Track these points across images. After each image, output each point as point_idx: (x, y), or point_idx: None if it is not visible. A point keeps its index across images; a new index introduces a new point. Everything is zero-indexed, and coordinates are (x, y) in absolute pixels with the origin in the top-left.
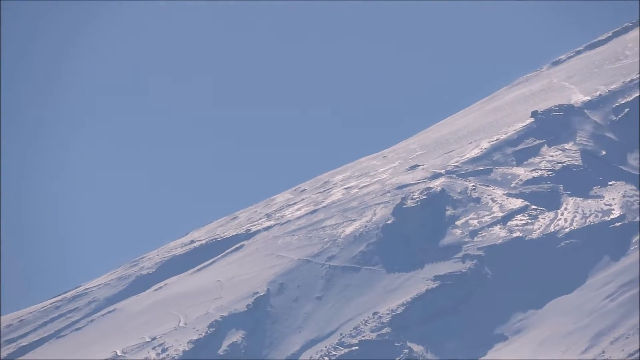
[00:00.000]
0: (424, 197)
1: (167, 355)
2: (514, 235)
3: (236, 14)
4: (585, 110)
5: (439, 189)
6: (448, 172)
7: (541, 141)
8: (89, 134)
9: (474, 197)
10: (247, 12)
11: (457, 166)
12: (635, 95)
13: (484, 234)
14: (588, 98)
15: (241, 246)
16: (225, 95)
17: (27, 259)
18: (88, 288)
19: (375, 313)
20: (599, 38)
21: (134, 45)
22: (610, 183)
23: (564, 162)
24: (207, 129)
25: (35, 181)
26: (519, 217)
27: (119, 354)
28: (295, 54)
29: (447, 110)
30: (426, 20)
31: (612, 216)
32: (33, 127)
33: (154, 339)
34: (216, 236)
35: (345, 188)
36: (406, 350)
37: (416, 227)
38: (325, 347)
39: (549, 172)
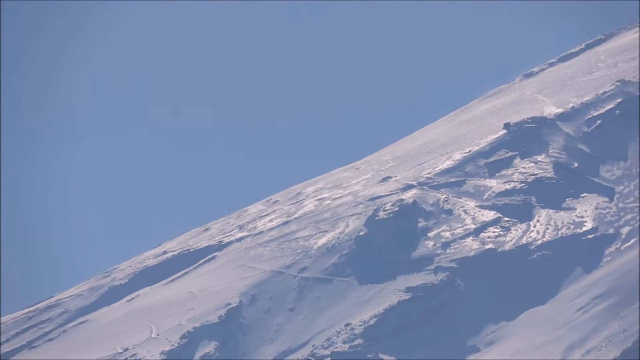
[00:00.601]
0: (396, 208)
1: None
2: (486, 247)
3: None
4: (558, 122)
5: (411, 200)
6: (420, 184)
7: (513, 153)
8: (81, 137)
9: (446, 208)
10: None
11: (430, 178)
12: (608, 108)
13: (456, 245)
14: (560, 110)
15: (213, 257)
16: (199, 106)
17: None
18: (60, 299)
19: (347, 324)
20: (572, 50)
21: (134, 45)
22: (582, 195)
23: (536, 174)
24: (180, 140)
25: (17, 187)
26: (491, 228)
27: None
28: (267, 65)
29: (419, 122)
30: (398, 32)
31: (584, 228)
32: (33, 127)
33: (126, 349)
34: (189, 247)
35: (318, 199)
36: None
37: (388, 239)
38: (298, 358)
39: (522, 184)
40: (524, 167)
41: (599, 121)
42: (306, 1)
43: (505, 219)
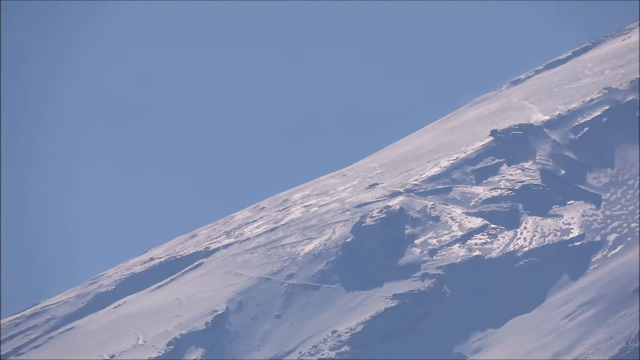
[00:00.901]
0: (383, 215)
1: None
2: (473, 254)
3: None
4: (545, 130)
5: (398, 207)
6: (407, 191)
7: (500, 160)
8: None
9: (433, 215)
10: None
11: (416, 185)
12: (595, 115)
13: (443, 252)
14: (547, 117)
15: (200, 264)
16: (184, 114)
17: None
18: (47, 305)
19: (334, 331)
20: (559, 57)
21: (134, 45)
22: (569, 202)
23: (523, 181)
24: (166, 146)
25: (10, 193)
26: (478, 236)
27: None
28: (255, 70)
29: (406, 128)
30: (386, 39)
31: (571, 235)
32: (33, 127)
33: (112, 356)
34: (175, 254)
35: (305, 206)
36: None
37: (375, 246)
38: None
39: (508, 191)
40: (511, 174)
41: (586, 128)
42: (291, 2)
43: (492, 226)
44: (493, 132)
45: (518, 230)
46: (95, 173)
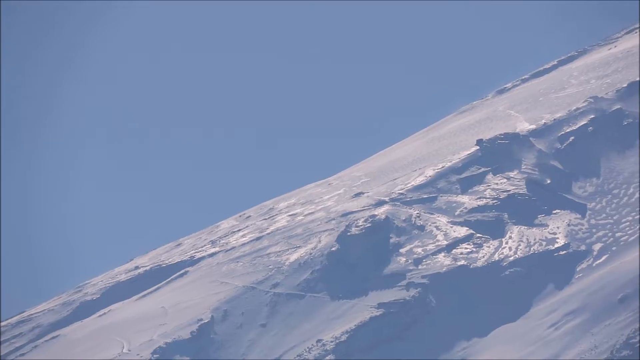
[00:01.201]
0: (369, 224)
1: None
2: (459, 263)
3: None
4: (531, 139)
5: (383, 216)
6: (392, 200)
7: (486, 169)
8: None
9: (419, 224)
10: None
11: (402, 194)
12: (581, 124)
13: (428, 261)
14: (533, 126)
15: (185, 273)
16: (170, 122)
17: None
18: (32, 314)
19: (319, 340)
20: (544, 66)
21: (135, 45)
22: (554, 212)
23: (508, 191)
24: (151, 155)
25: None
26: (463, 245)
27: None
28: (240, 77)
29: (392, 137)
30: (372, 49)
31: (556, 245)
32: (32, 128)
33: None
34: (161, 262)
35: (290, 215)
36: None
37: (360, 255)
38: None
39: (494, 201)
40: (496, 184)
41: (572, 138)
42: (277, 3)
43: (478, 235)
44: (479, 141)
45: (503, 239)
46: (80, 181)
